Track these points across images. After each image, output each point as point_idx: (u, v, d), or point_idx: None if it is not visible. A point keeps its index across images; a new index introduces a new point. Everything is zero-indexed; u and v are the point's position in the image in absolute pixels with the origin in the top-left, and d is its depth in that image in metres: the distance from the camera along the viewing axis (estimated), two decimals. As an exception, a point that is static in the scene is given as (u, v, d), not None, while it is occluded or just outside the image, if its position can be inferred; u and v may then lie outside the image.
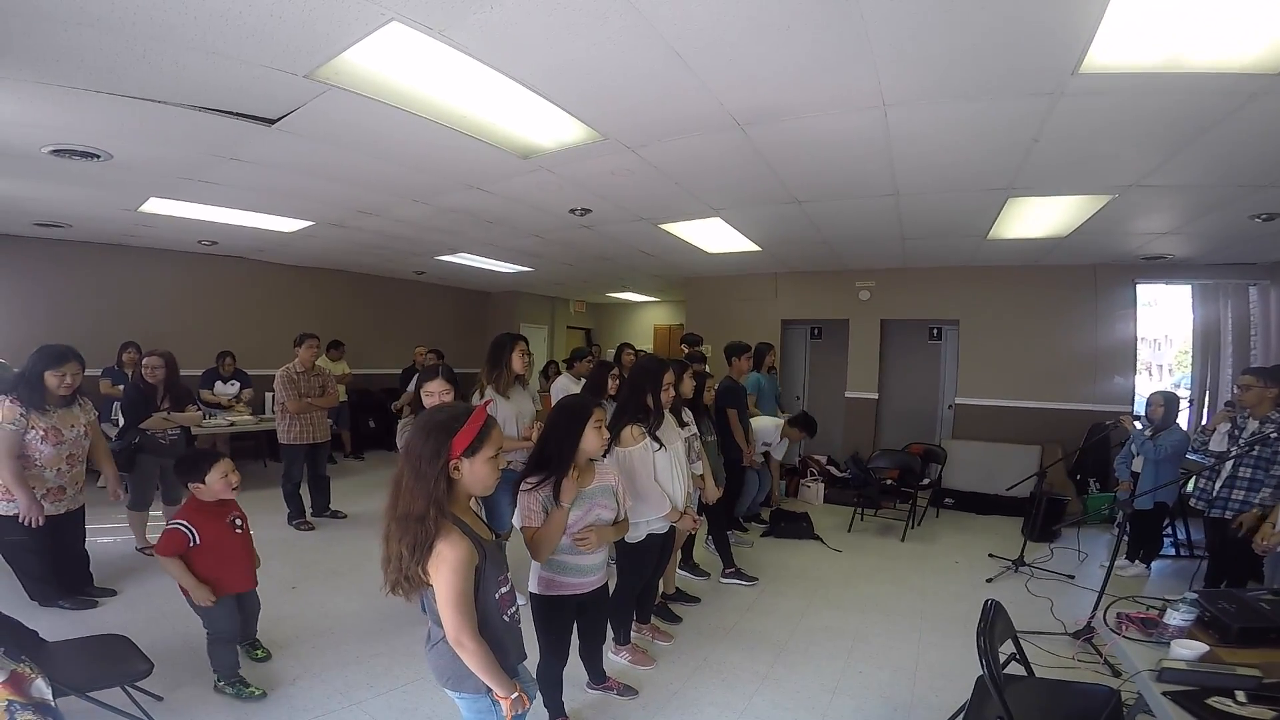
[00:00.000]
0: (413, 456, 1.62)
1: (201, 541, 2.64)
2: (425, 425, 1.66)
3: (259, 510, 5.47)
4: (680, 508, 3.06)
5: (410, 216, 5.31)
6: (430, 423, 1.67)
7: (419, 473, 1.59)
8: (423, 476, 1.59)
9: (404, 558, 1.57)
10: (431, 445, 1.61)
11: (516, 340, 3.66)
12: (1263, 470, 3.51)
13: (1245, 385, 3.76)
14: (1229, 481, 3.66)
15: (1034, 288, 6.78)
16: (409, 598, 1.63)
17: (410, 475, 1.60)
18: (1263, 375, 3.73)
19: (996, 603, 2.25)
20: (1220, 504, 3.68)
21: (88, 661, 2.29)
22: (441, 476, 1.60)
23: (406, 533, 1.57)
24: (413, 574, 1.58)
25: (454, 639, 1.59)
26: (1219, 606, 2.10)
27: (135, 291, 6.98)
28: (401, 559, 1.57)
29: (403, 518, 1.58)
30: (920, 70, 2.48)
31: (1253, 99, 2.50)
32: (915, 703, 2.89)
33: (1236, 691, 1.72)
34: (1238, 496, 3.61)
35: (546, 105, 2.91)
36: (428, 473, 1.59)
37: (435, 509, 1.57)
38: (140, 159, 3.83)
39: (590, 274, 8.78)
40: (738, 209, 4.87)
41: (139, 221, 5.57)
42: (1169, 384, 7.37)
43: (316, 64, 2.54)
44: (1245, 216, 4.24)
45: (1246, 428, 3.76)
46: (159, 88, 2.79)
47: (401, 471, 1.63)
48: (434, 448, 1.61)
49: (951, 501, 6.50)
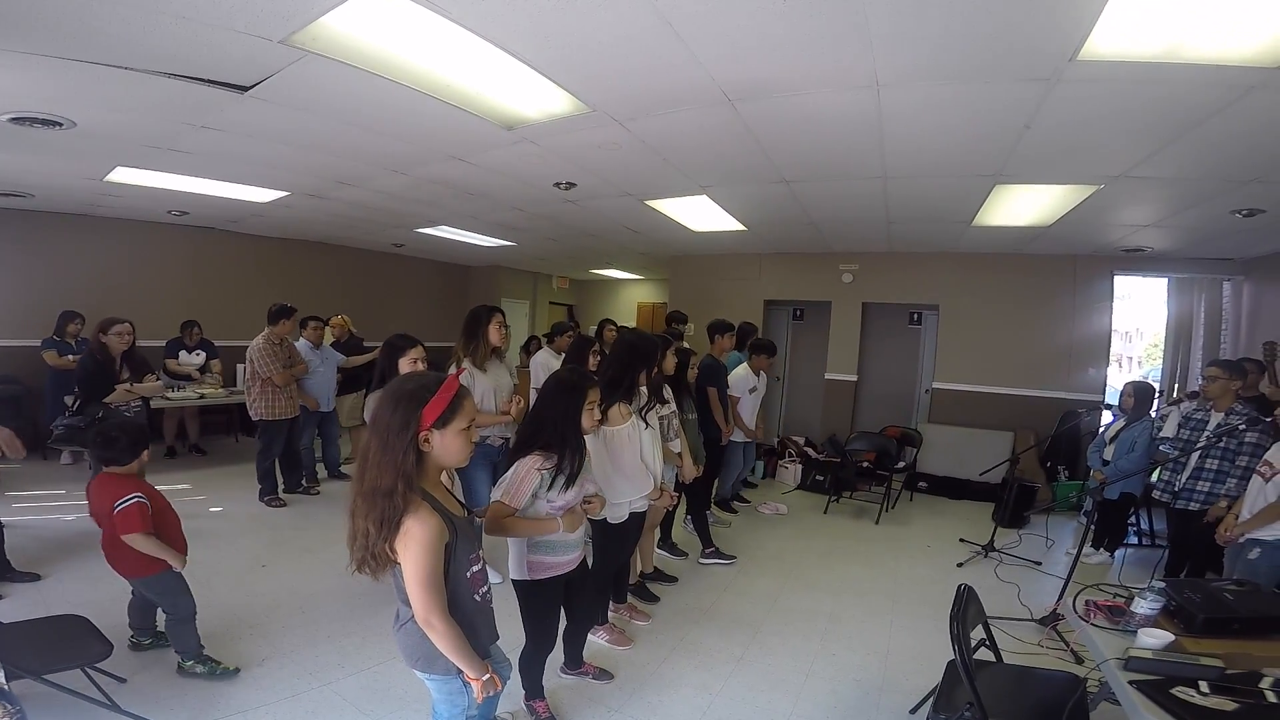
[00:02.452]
0: (380, 427, 1.55)
1: (152, 511, 2.57)
2: (393, 395, 1.59)
3: (230, 486, 5.42)
4: (657, 484, 3.05)
5: (389, 187, 5.15)
6: (399, 392, 1.59)
7: (386, 444, 1.52)
8: (390, 449, 1.52)
9: (370, 535, 1.51)
10: (400, 416, 1.54)
11: (493, 313, 3.60)
12: (1228, 462, 3.57)
13: (1211, 376, 3.79)
14: (1194, 474, 3.71)
15: (1014, 276, 6.82)
16: (376, 576, 1.58)
17: (377, 447, 1.53)
18: (1228, 367, 3.77)
19: (969, 588, 2.28)
20: (1185, 496, 3.73)
21: (44, 644, 2.22)
22: (410, 449, 1.53)
23: (373, 508, 1.50)
24: (379, 552, 1.52)
25: (422, 619, 1.54)
26: (1185, 596, 2.14)
27: (102, 262, 6.72)
28: (368, 536, 1.51)
29: (369, 492, 1.51)
30: (916, 50, 2.43)
31: (1250, 92, 2.48)
32: (886, 685, 2.94)
33: (1200, 682, 1.75)
34: (1202, 488, 3.66)
35: (532, 74, 2.80)
36: (395, 445, 1.52)
37: (404, 483, 1.50)
38: (105, 127, 3.65)
39: (574, 250, 8.65)
40: (725, 187, 4.80)
41: (105, 191, 5.34)
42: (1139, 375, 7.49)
43: (292, 29, 2.41)
44: (1227, 211, 4.27)
45: (1211, 420, 3.79)
46: (125, 54, 2.64)
47: (368, 444, 1.55)
48: (403, 418, 1.53)
49: (925, 485, 6.60)
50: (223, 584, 3.55)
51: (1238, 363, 3.93)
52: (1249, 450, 3.44)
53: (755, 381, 5.35)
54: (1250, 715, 1.65)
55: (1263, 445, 3.42)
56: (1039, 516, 5.50)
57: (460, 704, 1.72)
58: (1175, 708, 1.66)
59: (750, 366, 5.36)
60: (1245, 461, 3.43)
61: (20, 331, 6.04)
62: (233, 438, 7.21)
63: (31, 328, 5.97)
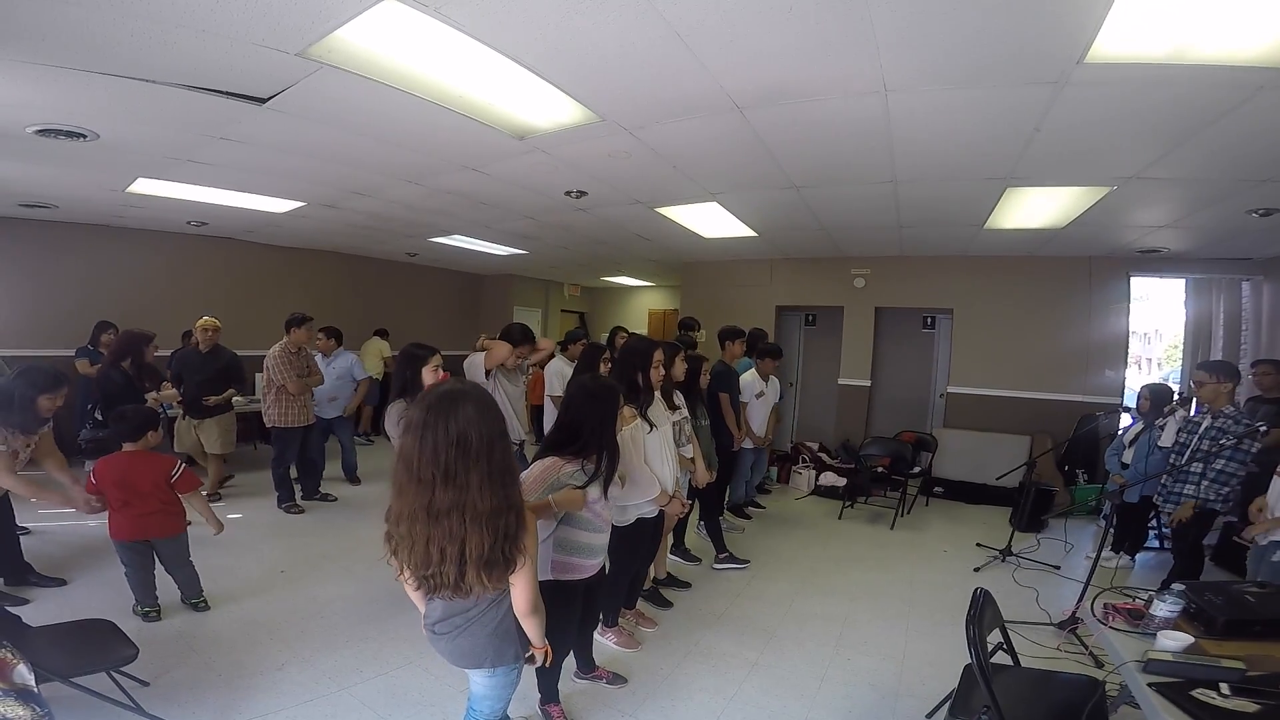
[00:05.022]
0: (483, 443, 1.54)
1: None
2: (480, 410, 1.57)
3: (249, 494, 5.49)
4: (669, 491, 3.05)
5: (403, 197, 5.23)
6: (484, 402, 1.61)
7: (492, 458, 1.55)
8: (496, 460, 1.56)
9: (513, 533, 1.56)
10: (499, 425, 1.60)
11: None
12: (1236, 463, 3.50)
13: (1200, 382, 3.74)
14: (1179, 476, 3.68)
15: (1029, 279, 6.77)
16: (493, 588, 1.61)
17: (484, 464, 1.53)
18: (1215, 370, 3.71)
19: (986, 591, 2.26)
20: (1174, 499, 3.70)
21: (71, 647, 2.27)
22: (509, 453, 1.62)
23: (512, 505, 1.57)
24: (512, 553, 1.58)
25: (532, 609, 1.66)
26: (1205, 599, 2.12)
27: (123, 273, 6.87)
28: (510, 539, 1.56)
29: (505, 490, 1.56)
30: (923, 54, 2.44)
31: (1260, 91, 2.47)
32: (902, 690, 2.92)
33: (1221, 684, 1.73)
34: (1188, 492, 3.62)
35: (543, 85, 2.85)
36: (500, 451, 1.58)
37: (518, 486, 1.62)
38: (128, 139, 3.75)
39: (585, 257, 8.70)
40: (735, 194, 4.82)
41: (127, 202, 5.47)
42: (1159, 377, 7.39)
43: (309, 42, 2.47)
44: (1243, 211, 4.23)
45: (1202, 424, 3.72)
46: (147, 66, 2.71)
47: (489, 452, 1.55)
48: (499, 427, 1.60)
49: (941, 490, 6.55)
50: (242, 590, 3.61)
51: (1225, 364, 3.87)
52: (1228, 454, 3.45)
53: (763, 386, 5.35)
54: (1272, 717, 1.63)
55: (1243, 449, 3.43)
56: (1057, 520, 5.43)
57: (508, 695, 1.84)
58: (1195, 710, 1.64)
59: (758, 371, 5.37)
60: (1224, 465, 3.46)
61: (48, 341, 6.15)
62: (251, 445, 7.29)
63: (59, 338, 6.10)
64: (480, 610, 1.68)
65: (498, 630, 1.68)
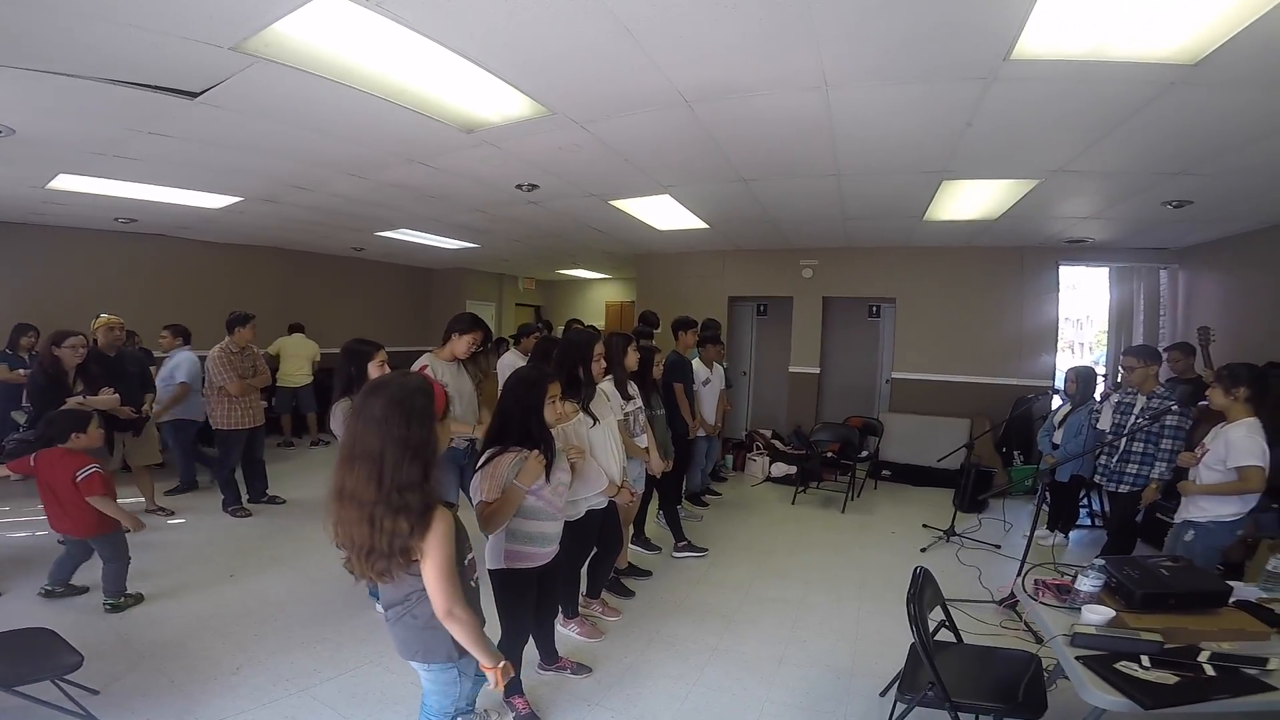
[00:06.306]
0: (395, 425, 1.56)
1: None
2: (401, 393, 1.61)
3: (195, 497, 5.28)
4: (617, 482, 3.08)
5: (347, 191, 5.08)
6: (405, 388, 1.63)
7: (406, 441, 1.56)
8: (410, 443, 1.56)
9: (402, 533, 1.54)
10: (420, 408, 1.60)
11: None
12: (1153, 445, 3.69)
13: (1129, 367, 3.93)
14: (1122, 457, 3.83)
15: (966, 268, 7.06)
16: (394, 577, 1.61)
17: (395, 447, 1.55)
18: (1141, 355, 3.90)
19: (925, 570, 2.36)
20: (1115, 478, 3.87)
21: (13, 657, 2.19)
22: (431, 438, 1.61)
23: (403, 506, 1.54)
24: (412, 546, 1.56)
25: (445, 611, 1.59)
26: (1124, 573, 2.24)
27: (46, 272, 6.47)
28: (394, 536, 1.54)
29: (398, 489, 1.54)
30: (861, 51, 2.51)
31: (1171, 88, 2.63)
32: (857, 670, 3.03)
33: (1141, 656, 1.84)
34: (1131, 470, 3.79)
35: (490, 79, 2.81)
36: (417, 437, 1.58)
37: (430, 477, 1.58)
38: (47, 134, 3.55)
39: (539, 250, 8.63)
40: (686, 186, 4.86)
41: (46, 199, 5.16)
42: (1088, 361, 7.81)
43: (244, 36, 2.39)
44: (1159, 203, 4.50)
45: (1135, 404, 3.90)
46: (68, 60, 2.58)
47: (381, 449, 1.55)
48: (422, 410, 1.60)
49: (888, 473, 6.78)
50: (190, 594, 3.50)
51: (1148, 348, 4.05)
52: (1170, 433, 3.62)
53: (708, 374, 5.42)
54: (1190, 688, 1.74)
55: (1182, 427, 3.61)
56: (997, 500, 5.66)
57: (453, 694, 1.78)
58: (1119, 682, 1.75)
59: (702, 359, 5.45)
60: (1169, 445, 3.60)
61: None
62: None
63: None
64: (413, 603, 1.67)
65: (428, 625, 1.66)
